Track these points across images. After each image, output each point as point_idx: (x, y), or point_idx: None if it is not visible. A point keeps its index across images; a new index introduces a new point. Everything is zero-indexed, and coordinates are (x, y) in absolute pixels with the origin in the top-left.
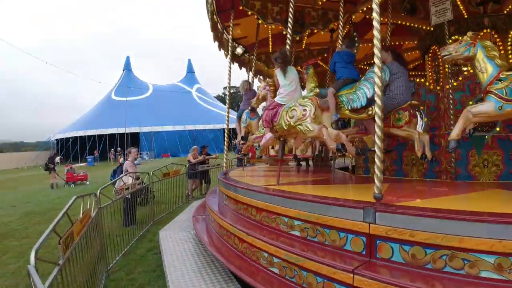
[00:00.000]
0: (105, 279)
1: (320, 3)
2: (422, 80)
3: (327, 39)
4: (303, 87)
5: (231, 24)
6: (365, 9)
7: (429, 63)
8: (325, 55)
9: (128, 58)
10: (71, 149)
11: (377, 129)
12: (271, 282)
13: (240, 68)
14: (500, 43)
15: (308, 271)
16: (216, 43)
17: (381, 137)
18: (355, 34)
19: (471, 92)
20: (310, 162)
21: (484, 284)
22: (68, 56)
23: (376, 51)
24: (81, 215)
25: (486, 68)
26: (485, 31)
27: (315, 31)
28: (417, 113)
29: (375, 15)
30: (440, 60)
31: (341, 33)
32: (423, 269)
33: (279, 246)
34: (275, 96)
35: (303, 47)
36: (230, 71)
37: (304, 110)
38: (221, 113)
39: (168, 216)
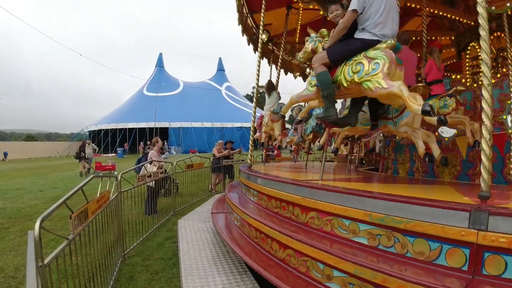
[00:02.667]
0: (120, 263)
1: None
2: (458, 76)
3: None
4: None
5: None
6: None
7: (467, 60)
8: None
9: (160, 55)
10: (102, 140)
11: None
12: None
13: (269, 65)
14: None
15: None
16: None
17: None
18: None
19: (510, 89)
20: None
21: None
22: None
23: None
24: (98, 195)
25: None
26: None
27: None
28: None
29: None
30: (480, 57)
31: None
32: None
33: (344, 257)
34: None
35: None
36: (258, 71)
37: (264, 121)
38: (249, 112)
39: (189, 208)
